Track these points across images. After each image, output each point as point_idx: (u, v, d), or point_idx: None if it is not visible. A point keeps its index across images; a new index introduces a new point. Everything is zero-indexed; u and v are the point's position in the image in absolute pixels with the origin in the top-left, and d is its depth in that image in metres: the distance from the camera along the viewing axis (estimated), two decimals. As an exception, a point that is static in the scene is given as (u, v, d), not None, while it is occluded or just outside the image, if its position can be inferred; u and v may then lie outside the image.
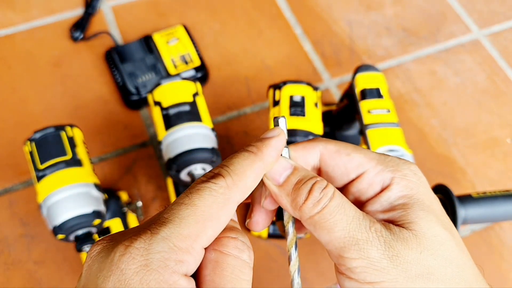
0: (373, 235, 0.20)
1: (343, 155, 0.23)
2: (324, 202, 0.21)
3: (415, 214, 0.21)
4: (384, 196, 0.22)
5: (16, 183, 0.55)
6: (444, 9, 0.74)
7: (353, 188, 0.23)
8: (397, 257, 0.20)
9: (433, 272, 0.20)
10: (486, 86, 0.67)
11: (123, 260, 0.17)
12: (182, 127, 0.44)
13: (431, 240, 0.20)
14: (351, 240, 0.20)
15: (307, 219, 0.21)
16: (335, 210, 0.20)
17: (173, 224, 0.18)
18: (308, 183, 0.21)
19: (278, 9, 0.72)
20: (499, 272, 0.53)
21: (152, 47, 0.64)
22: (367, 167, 0.22)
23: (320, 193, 0.21)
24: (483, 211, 0.45)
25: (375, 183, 0.22)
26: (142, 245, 0.17)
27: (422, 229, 0.20)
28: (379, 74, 0.50)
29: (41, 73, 0.64)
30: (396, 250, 0.20)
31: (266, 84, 0.63)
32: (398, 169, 0.22)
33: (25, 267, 0.50)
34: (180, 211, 0.18)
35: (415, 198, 0.21)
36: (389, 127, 0.46)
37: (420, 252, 0.20)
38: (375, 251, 0.20)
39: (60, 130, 0.44)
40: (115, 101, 0.62)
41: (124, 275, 0.16)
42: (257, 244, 0.52)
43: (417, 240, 0.20)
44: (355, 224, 0.20)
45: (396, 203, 0.22)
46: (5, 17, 0.68)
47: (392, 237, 0.20)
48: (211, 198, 0.19)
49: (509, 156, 0.62)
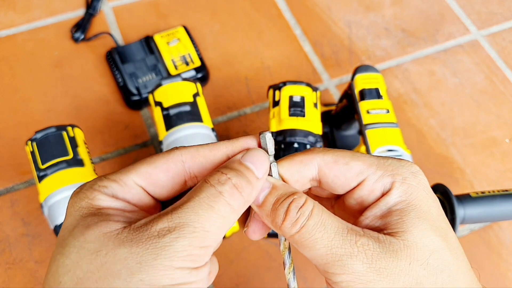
0: (358, 249, 0.20)
1: (341, 164, 0.22)
2: (302, 222, 0.20)
3: (410, 222, 0.21)
4: (383, 201, 0.22)
5: (17, 183, 0.56)
6: (443, 10, 0.75)
7: (354, 195, 0.23)
8: (384, 269, 0.19)
9: (422, 282, 0.20)
10: (485, 86, 0.68)
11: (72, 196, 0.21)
12: (183, 127, 0.45)
13: (422, 249, 0.20)
14: (333, 257, 0.20)
15: (289, 238, 0.21)
16: (314, 228, 0.20)
17: (116, 172, 0.21)
18: (285, 202, 0.21)
19: (278, 10, 0.73)
20: (498, 271, 0.54)
21: (152, 47, 0.64)
22: (367, 174, 0.22)
23: (297, 212, 0.20)
24: (481, 210, 0.45)
25: (376, 189, 0.22)
26: (86, 184, 0.21)
27: (415, 238, 0.20)
28: (378, 74, 0.50)
29: (42, 74, 0.64)
30: (384, 262, 0.20)
31: (266, 84, 0.63)
32: (398, 172, 0.22)
33: (26, 267, 0.51)
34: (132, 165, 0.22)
35: (413, 204, 0.21)
36: (388, 127, 0.46)
37: (410, 263, 0.20)
38: (360, 265, 0.20)
39: (62, 130, 0.44)
40: (116, 102, 0.62)
41: (69, 200, 0.21)
42: (257, 243, 0.52)
43: (407, 251, 0.20)
44: (337, 240, 0.20)
45: (394, 209, 0.21)
46: (7, 18, 0.69)
47: (380, 250, 0.20)
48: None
49: (508, 156, 0.62)
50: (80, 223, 0.19)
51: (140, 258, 0.18)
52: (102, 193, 0.20)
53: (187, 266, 0.18)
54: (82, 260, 0.18)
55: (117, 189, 0.21)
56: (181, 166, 0.21)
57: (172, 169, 0.21)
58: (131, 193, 0.21)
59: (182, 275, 0.18)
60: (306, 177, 0.23)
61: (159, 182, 0.21)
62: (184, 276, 0.18)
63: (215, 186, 0.20)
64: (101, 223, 0.19)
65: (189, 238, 0.18)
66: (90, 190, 0.20)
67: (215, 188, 0.20)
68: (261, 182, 0.21)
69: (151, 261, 0.18)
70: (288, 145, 0.45)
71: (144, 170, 0.21)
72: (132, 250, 0.18)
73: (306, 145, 0.45)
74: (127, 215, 0.20)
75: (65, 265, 0.18)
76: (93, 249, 0.18)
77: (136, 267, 0.18)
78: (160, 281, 0.18)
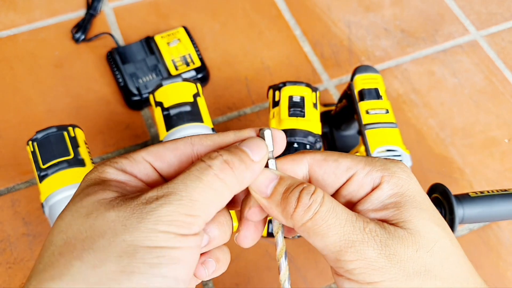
0: (368, 236, 0.20)
1: (331, 161, 0.23)
2: (315, 208, 0.20)
3: (408, 212, 0.21)
4: (375, 195, 0.22)
5: (18, 183, 0.56)
6: (442, 10, 0.75)
7: (344, 192, 0.23)
8: (394, 255, 0.20)
9: (430, 269, 0.20)
10: (484, 86, 0.68)
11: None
12: (183, 128, 0.45)
13: (426, 237, 0.20)
14: (346, 243, 0.20)
15: (300, 227, 0.21)
16: (327, 214, 0.20)
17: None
18: (296, 190, 0.21)
19: (278, 10, 0.73)
20: (497, 271, 0.54)
21: (153, 48, 0.64)
22: (356, 169, 0.22)
23: (309, 199, 0.21)
24: (481, 210, 0.45)
25: (365, 184, 0.22)
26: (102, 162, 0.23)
27: (417, 227, 0.20)
28: (378, 75, 0.50)
29: (43, 74, 0.64)
30: (392, 248, 0.20)
31: (266, 84, 0.63)
32: (386, 167, 0.22)
33: (27, 266, 0.51)
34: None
35: (407, 196, 0.22)
36: (387, 127, 0.46)
37: (416, 250, 0.20)
38: (371, 251, 0.20)
39: (62, 130, 0.44)
40: (116, 102, 0.63)
41: (82, 181, 0.22)
42: (257, 242, 0.52)
43: (413, 238, 0.20)
44: (348, 227, 0.20)
45: (388, 202, 0.22)
46: (8, 18, 0.69)
47: (387, 236, 0.20)
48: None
49: (507, 156, 0.62)
50: (83, 191, 0.21)
51: (126, 221, 0.19)
52: (110, 167, 0.22)
53: (172, 231, 0.19)
54: (74, 222, 0.19)
55: (126, 163, 0.22)
56: (189, 147, 0.22)
57: (180, 149, 0.22)
58: (139, 167, 0.22)
59: (165, 238, 0.18)
60: (297, 175, 0.23)
61: (166, 158, 0.22)
62: (167, 240, 0.19)
63: (206, 161, 0.20)
64: (99, 191, 0.20)
65: (174, 205, 0.19)
66: (102, 165, 0.22)
67: (205, 163, 0.20)
68: (257, 165, 0.21)
69: (136, 223, 0.18)
70: (288, 145, 0.45)
71: (153, 148, 0.22)
72: (119, 214, 0.19)
73: (306, 145, 0.45)
74: (128, 188, 0.21)
75: (59, 226, 0.20)
76: (85, 213, 0.19)
77: (121, 228, 0.18)
78: (142, 242, 0.18)
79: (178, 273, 0.19)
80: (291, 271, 0.52)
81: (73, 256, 0.18)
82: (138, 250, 0.18)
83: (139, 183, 0.22)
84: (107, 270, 0.18)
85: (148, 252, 0.18)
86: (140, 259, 0.18)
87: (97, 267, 0.18)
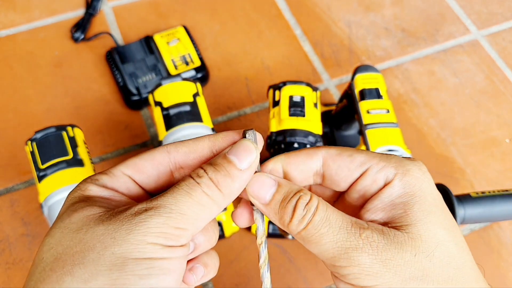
0: (363, 242, 0.20)
1: (345, 156, 0.23)
2: (308, 218, 0.21)
3: (414, 216, 0.21)
4: (386, 193, 0.22)
5: (17, 183, 0.56)
6: (443, 10, 0.75)
7: (358, 186, 0.23)
8: (390, 260, 0.20)
9: (428, 274, 0.20)
10: (485, 86, 0.68)
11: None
12: (183, 127, 0.45)
13: (427, 242, 0.20)
14: (339, 250, 0.20)
15: (296, 235, 0.22)
16: (319, 224, 0.21)
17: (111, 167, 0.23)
18: (293, 200, 0.21)
19: (278, 10, 0.73)
20: (498, 271, 0.54)
21: (152, 47, 0.64)
22: (370, 164, 0.22)
23: (303, 209, 0.21)
24: (482, 210, 0.45)
25: (378, 179, 0.22)
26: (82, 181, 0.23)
27: (419, 231, 0.20)
28: (378, 74, 0.50)
29: (42, 74, 0.64)
30: (389, 254, 0.20)
31: (266, 84, 0.63)
32: (401, 165, 0.22)
33: (26, 267, 0.51)
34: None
35: (417, 196, 0.21)
36: (388, 127, 0.46)
37: (415, 255, 0.20)
38: (365, 257, 0.20)
39: (61, 130, 0.44)
40: (116, 102, 0.62)
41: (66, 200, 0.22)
42: (255, 243, 0.52)
43: (412, 243, 0.20)
44: (342, 234, 0.20)
45: (398, 201, 0.22)
46: (7, 18, 0.69)
47: (385, 241, 0.20)
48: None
49: (508, 156, 0.62)
50: (69, 208, 0.21)
51: (115, 233, 0.19)
52: (92, 184, 0.22)
53: (160, 242, 0.19)
54: (64, 238, 0.20)
55: (106, 180, 0.22)
56: (166, 155, 0.23)
57: (156, 158, 0.22)
58: (119, 182, 0.22)
59: (153, 249, 0.19)
60: (311, 169, 0.23)
61: (144, 170, 0.22)
62: (155, 251, 0.19)
63: (194, 178, 0.21)
64: (86, 207, 0.21)
65: (164, 217, 0.19)
66: (83, 183, 0.22)
67: (193, 180, 0.21)
68: (245, 174, 0.22)
69: (124, 235, 0.19)
70: (288, 145, 0.45)
71: (131, 161, 0.23)
72: (109, 227, 0.19)
73: (306, 145, 0.45)
74: (113, 203, 0.21)
75: (49, 244, 0.20)
76: (75, 228, 0.20)
77: (110, 241, 0.19)
78: (131, 254, 0.18)
79: (168, 283, 0.19)
80: (291, 271, 0.52)
81: (64, 272, 0.18)
82: (127, 262, 0.18)
83: (122, 197, 0.22)
84: (98, 284, 0.18)
85: (137, 264, 0.18)
86: (130, 271, 0.18)
87: (88, 282, 0.18)
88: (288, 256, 0.52)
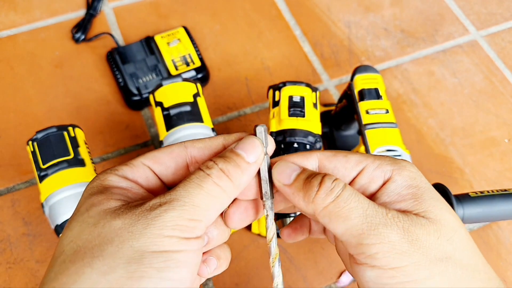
0: (391, 221, 0.20)
1: (341, 157, 0.23)
2: (338, 191, 0.21)
3: (427, 203, 0.21)
4: (390, 187, 0.22)
5: (18, 183, 0.56)
6: (442, 10, 0.75)
7: (355, 186, 0.23)
8: (416, 241, 0.20)
9: (450, 256, 0.20)
10: (484, 86, 0.68)
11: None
12: (183, 127, 0.45)
13: (446, 226, 0.21)
14: (370, 226, 0.20)
15: (321, 211, 0.21)
16: (349, 198, 0.21)
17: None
18: (318, 176, 0.22)
19: (278, 10, 0.73)
20: (497, 271, 0.54)
21: (153, 48, 0.64)
22: (366, 163, 0.23)
23: (332, 183, 0.21)
24: (480, 210, 0.45)
25: (376, 177, 0.23)
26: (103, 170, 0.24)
27: (437, 216, 0.21)
28: (378, 75, 0.50)
29: (43, 74, 0.64)
30: (415, 234, 0.20)
31: (266, 84, 0.63)
32: (395, 162, 0.23)
33: (27, 266, 0.51)
34: None
35: (422, 187, 0.22)
36: (387, 127, 0.46)
37: (438, 238, 0.20)
38: (395, 234, 0.20)
39: (62, 130, 0.44)
40: (116, 102, 0.63)
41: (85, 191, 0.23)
42: (257, 242, 0.52)
43: (434, 226, 0.20)
44: (371, 210, 0.21)
45: (405, 193, 0.22)
46: (8, 18, 0.69)
47: (410, 222, 0.20)
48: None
49: (507, 155, 0.62)
50: (87, 201, 0.22)
51: (132, 227, 0.19)
52: (112, 174, 0.23)
53: (176, 235, 0.20)
54: (83, 232, 0.20)
55: (126, 170, 0.23)
56: (183, 149, 0.23)
57: (175, 151, 0.23)
58: (139, 172, 0.23)
59: (170, 242, 0.19)
60: None
61: (163, 161, 0.23)
62: (172, 244, 0.19)
63: (204, 170, 0.21)
64: (103, 201, 0.21)
65: (178, 210, 0.20)
66: (103, 174, 0.23)
67: (204, 172, 0.21)
68: (253, 167, 0.22)
69: (141, 229, 0.19)
70: (288, 145, 0.45)
71: (150, 153, 0.24)
72: (125, 221, 0.20)
73: (306, 145, 0.45)
74: (130, 195, 0.22)
75: (68, 237, 0.21)
76: (92, 222, 0.20)
77: (127, 235, 0.19)
78: (148, 247, 0.19)
79: (184, 274, 0.20)
80: (291, 271, 0.52)
81: (83, 264, 0.19)
82: (145, 255, 0.19)
83: (140, 189, 0.23)
84: (116, 276, 0.18)
85: (154, 256, 0.19)
86: (147, 264, 0.19)
87: (107, 274, 0.18)
88: (288, 256, 0.53)
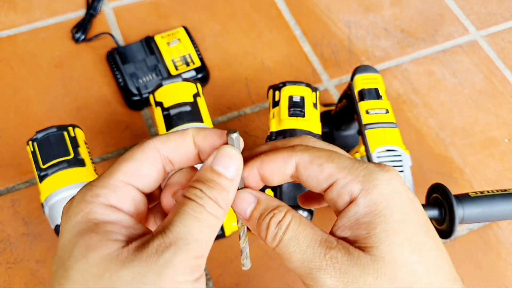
0: (327, 263, 0.21)
1: (315, 166, 0.22)
2: (280, 236, 0.22)
3: (377, 238, 0.21)
4: (351, 211, 0.22)
5: (18, 183, 0.56)
6: (442, 10, 0.75)
7: (327, 197, 0.23)
8: (352, 283, 0.20)
9: None
10: (484, 86, 0.68)
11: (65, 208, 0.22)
12: (183, 127, 0.45)
13: (391, 264, 0.20)
14: (305, 270, 0.21)
15: (274, 250, 0.23)
16: (289, 243, 0.21)
17: (100, 177, 0.22)
18: (267, 218, 0.22)
19: (278, 10, 0.73)
20: (497, 271, 0.54)
21: (153, 48, 0.64)
22: (337, 178, 0.22)
23: (275, 227, 0.22)
24: (480, 210, 0.45)
25: (343, 195, 0.22)
26: (75, 197, 0.22)
27: (382, 253, 0.20)
28: (378, 75, 0.50)
29: (43, 74, 0.64)
30: (351, 276, 0.20)
31: (266, 84, 0.63)
32: (370, 179, 0.21)
33: (27, 266, 0.51)
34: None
35: (382, 216, 0.21)
36: (387, 127, 0.46)
37: (377, 278, 0.20)
38: (328, 278, 0.20)
39: (63, 130, 0.44)
40: (116, 102, 0.63)
41: (62, 216, 0.22)
42: (256, 242, 0.52)
43: (374, 266, 0.20)
44: (308, 254, 0.21)
45: (362, 221, 0.21)
46: (7, 18, 0.69)
47: (348, 262, 0.20)
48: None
49: (507, 155, 0.62)
50: (79, 242, 0.20)
51: (144, 278, 0.18)
52: (96, 204, 0.21)
53: (189, 279, 0.19)
54: (87, 284, 0.19)
55: (109, 194, 0.21)
56: (157, 153, 0.22)
57: (150, 157, 0.22)
58: (123, 194, 0.22)
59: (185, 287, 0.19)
60: (286, 174, 0.24)
61: (142, 173, 0.22)
62: None
63: (196, 200, 0.21)
64: (100, 244, 0.19)
65: (185, 251, 0.19)
66: (83, 203, 0.21)
67: (196, 202, 0.21)
68: (234, 181, 0.22)
69: (155, 279, 0.18)
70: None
71: (127, 167, 0.22)
72: (135, 271, 0.19)
73: (306, 145, 0.45)
74: (124, 232, 0.21)
75: None
76: (96, 273, 0.19)
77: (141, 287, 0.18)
78: None
79: None
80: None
81: None
82: None
83: (131, 221, 0.21)
84: None
85: None
86: None
87: None
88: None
